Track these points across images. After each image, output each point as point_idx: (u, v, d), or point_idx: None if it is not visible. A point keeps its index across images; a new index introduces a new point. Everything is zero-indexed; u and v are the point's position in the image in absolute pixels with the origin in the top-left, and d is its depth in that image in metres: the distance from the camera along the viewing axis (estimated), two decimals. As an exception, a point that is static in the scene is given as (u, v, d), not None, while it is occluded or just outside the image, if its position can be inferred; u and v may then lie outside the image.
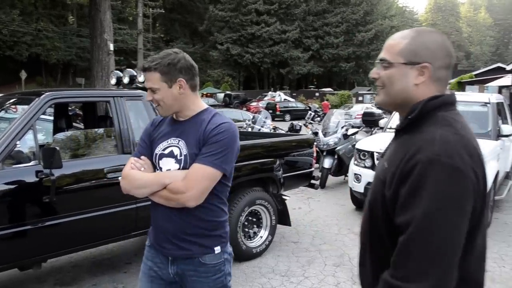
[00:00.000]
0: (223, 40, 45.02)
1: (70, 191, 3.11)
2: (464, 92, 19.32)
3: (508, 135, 6.30)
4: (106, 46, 12.81)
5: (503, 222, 5.87)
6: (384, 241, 1.23)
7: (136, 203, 3.40)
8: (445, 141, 1.13)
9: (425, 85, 1.26)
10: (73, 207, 3.11)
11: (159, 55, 1.82)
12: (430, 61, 1.25)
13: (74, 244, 3.23)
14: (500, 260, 4.54)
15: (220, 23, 45.87)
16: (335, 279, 4.00)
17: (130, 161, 1.90)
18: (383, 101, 1.34)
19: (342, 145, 8.24)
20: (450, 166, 1.10)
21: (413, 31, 1.31)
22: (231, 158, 1.80)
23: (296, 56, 46.84)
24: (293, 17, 46.97)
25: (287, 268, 4.21)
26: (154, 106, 1.88)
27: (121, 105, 3.46)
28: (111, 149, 3.45)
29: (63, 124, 4.23)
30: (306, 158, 5.13)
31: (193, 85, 1.86)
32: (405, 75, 1.27)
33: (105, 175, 3.25)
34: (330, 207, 6.63)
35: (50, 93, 3.17)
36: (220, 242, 1.87)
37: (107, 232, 3.39)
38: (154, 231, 1.92)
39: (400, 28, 58.00)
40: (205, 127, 1.78)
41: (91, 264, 4.26)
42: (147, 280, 1.93)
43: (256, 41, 45.63)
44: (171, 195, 1.76)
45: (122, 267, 4.16)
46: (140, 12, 32.18)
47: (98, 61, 12.77)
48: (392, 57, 1.28)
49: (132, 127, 3.47)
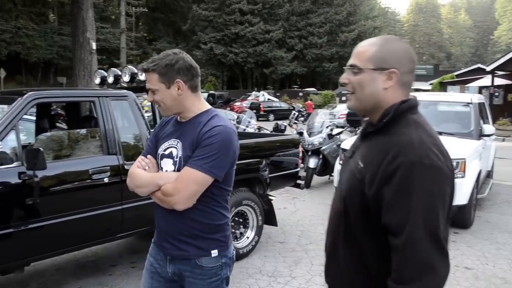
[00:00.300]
0: (206, 39, 44.83)
1: (54, 192, 3.04)
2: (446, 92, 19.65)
3: (489, 135, 6.42)
4: (89, 45, 12.62)
5: (485, 220, 5.98)
6: (360, 236, 1.33)
7: (122, 205, 3.36)
8: (422, 143, 1.24)
9: (393, 89, 1.36)
10: (58, 209, 3.04)
11: (158, 56, 1.82)
12: (397, 66, 1.35)
13: (58, 247, 3.16)
14: (483, 257, 4.61)
15: (203, 23, 45.66)
16: (322, 279, 3.97)
17: (137, 160, 1.92)
18: (355, 106, 1.42)
19: (327, 145, 8.28)
20: (430, 166, 1.21)
21: (380, 39, 1.40)
22: (223, 163, 1.76)
23: (280, 56, 46.93)
24: (277, 17, 47.05)
25: (274, 269, 4.20)
26: (156, 107, 1.85)
27: (106, 105, 3.41)
28: (96, 150, 3.39)
29: (45, 124, 4.15)
30: (292, 158, 5.14)
31: (193, 86, 1.85)
32: (375, 80, 1.35)
33: (90, 176, 3.19)
34: (315, 206, 6.66)
35: (33, 92, 3.10)
36: (217, 245, 1.85)
37: (92, 234, 3.33)
38: (156, 230, 1.95)
39: (383, 29, 58.71)
40: (200, 129, 1.77)
41: (75, 266, 4.19)
42: (149, 276, 1.96)
43: (240, 40, 45.58)
44: (162, 196, 1.77)
45: (107, 269, 4.09)
46: (123, 11, 31.87)
47: (80, 60, 12.57)
48: (362, 63, 1.36)
49: (118, 128, 3.42)
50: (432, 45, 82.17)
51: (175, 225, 1.82)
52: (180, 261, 1.85)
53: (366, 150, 1.38)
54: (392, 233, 1.22)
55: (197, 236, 1.81)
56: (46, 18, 40.67)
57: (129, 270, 4.09)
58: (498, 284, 3.99)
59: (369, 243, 1.31)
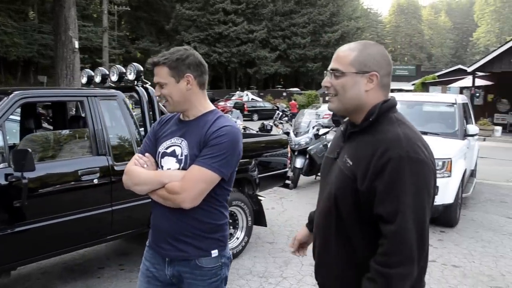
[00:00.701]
0: (190, 39, 44.52)
1: (42, 194, 2.96)
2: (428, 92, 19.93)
3: (473, 135, 6.53)
4: (71, 44, 12.42)
5: (470, 219, 6.07)
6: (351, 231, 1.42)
7: (112, 206, 3.30)
8: (408, 138, 1.34)
9: (374, 91, 1.45)
10: (46, 211, 2.97)
11: (169, 51, 1.83)
12: (377, 70, 1.44)
13: (47, 250, 3.08)
14: (470, 255, 4.68)
15: (187, 22, 45.37)
16: (312, 279, 3.98)
17: (134, 158, 1.89)
18: (337, 108, 1.49)
19: (313, 145, 8.31)
20: (417, 159, 1.31)
21: (359, 44, 1.48)
22: (230, 162, 1.77)
23: (264, 56, 46.93)
24: (261, 17, 47.04)
25: (264, 269, 4.19)
26: (162, 102, 1.83)
27: (95, 105, 3.34)
28: (85, 151, 3.32)
29: (31, 124, 4.05)
30: (280, 159, 5.14)
31: (201, 83, 1.85)
32: (357, 83, 1.44)
33: (79, 178, 3.13)
34: (303, 206, 6.67)
35: (20, 91, 3.02)
36: (217, 245, 1.84)
37: (82, 237, 3.26)
38: (153, 231, 1.91)
39: (365, 30, 59.24)
40: (207, 129, 1.76)
41: (62, 270, 4.10)
42: (144, 281, 1.91)
43: (224, 40, 45.44)
44: (168, 194, 1.74)
45: (95, 272, 4.02)
46: (105, 9, 31.41)
47: (62, 59, 12.37)
48: (344, 67, 1.44)
49: (107, 128, 3.36)
50: (413, 46, 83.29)
51: (176, 224, 1.79)
52: (180, 263, 1.83)
53: (352, 149, 1.45)
54: (384, 222, 1.32)
55: (198, 236, 1.79)
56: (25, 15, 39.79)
57: (117, 272, 4.03)
58: (485, 281, 4.06)
59: (360, 236, 1.41)
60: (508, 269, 4.36)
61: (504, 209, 6.67)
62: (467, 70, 20.96)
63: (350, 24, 51.13)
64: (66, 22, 12.26)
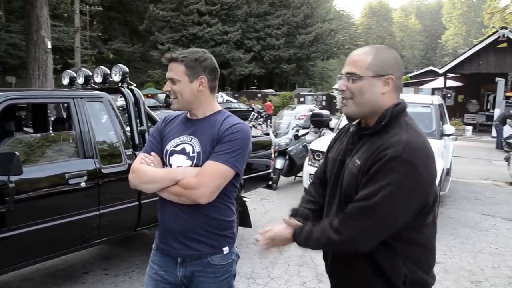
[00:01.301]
0: (164, 40, 44.08)
1: (29, 199, 2.87)
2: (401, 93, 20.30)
3: (449, 135, 6.71)
4: (43, 44, 12.11)
5: (447, 216, 6.24)
6: None
7: (99, 210, 3.24)
8: (408, 142, 1.38)
9: (389, 93, 1.49)
10: (33, 216, 2.87)
11: (187, 50, 1.86)
12: (392, 73, 1.49)
13: (34, 256, 2.99)
14: (450, 252, 4.82)
15: (161, 23, 44.89)
16: (300, 279, 4.05)
17: (139, 157, 1.88)
18: (353, 111, 1.52)
19: (293, 146, 8.37)
20: (408, 162, 1.35)
21: (373, 48, 1.52)
22: (243, 159, 1.80)
23: (238, 57, 46.90)
24: (235, 18, 47.00)
25: (251, 270, 4.20)
26: (170, 98, 1.82)
27: (82, 107, 3.27)
28: (71, 153, 3.25)
29: (11, 127, 3.93)
30: (264, 160, 5.16)
31: (213, 86, 1.88)
32: (374, 86, 1.48)
33: (67, 181, 3.05)
34: (284, 207, 6.68)
35: (4, 93, 2.92)
36: (228, 242, 1.86)
37: (69, 242, 3.19)
38: (161, 232, 1.89)
39: (338, 31, 59.95)
40: (219, 127, 1.79)
41: (44, 276, 3.99)
42: (152, 284, 1.89)
43: (198, 41, 45.11)
44: (183, 190, 1.73)
45: (79, 278, 3.94)
46: (76, 9, 30.78)
47: (34, 59, 12.05)
48: (362, 71, 1.47)
49: (94, 130, 3.29)
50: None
51: (188, 222, 1.78)
52: (192, 262, 1.83)
53: (362, 150, 1.49)
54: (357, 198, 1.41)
55: (210, 233, 1.80)
56: (-8, 14, 38.58)
57: (102, 277, 3.95)
58: (466, 276, 4.19)
59: None
60: (486, 263, 4.52)
61: (479, 206, 6.89)
62: (439, 71, 21.54)
63: (323, 26, 51.63)
64: (38, 21, 11.94)
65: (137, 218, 3.56)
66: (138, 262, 4.25)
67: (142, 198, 3.55)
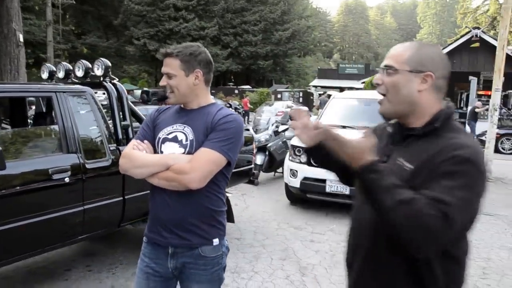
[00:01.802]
0: (139, 35, 43.51)
1: (12, 194, 2.80)
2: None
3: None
4: (15, 37, 11.71)
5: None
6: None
7: (84, 205, 3.20)
8: (474, 146, 1.28)
9: (427, 92, 1.38)
10: (15, 212, 2.82)
11: (182, 45, 1.88)
12: (432, 70, 1.37)
13: (15, 254, 2.93)
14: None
15: (136, 18, 44.27)
16: (284, 272, 4.10)
17: (132, 143, 1.89)
18: (387, 110, 1.42)
19: (273, 142, 8.42)
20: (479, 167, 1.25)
21: (415, 43, 1.43)
22: (236, 149, 1.83)
23: (215, 53, 46.62)
24: (212, 14, 46.77)
25: (235, 265, 4.22)
26: (167, 92, 1.82)
27: (64, 101, 3.22)
28: (55, 148, 3.20)
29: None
30: (246, 156, 5.18)
31: (208, 80, 1.91)
32: (410, 82, 1.37)
33: (50, 177, 3.00)
34: (265, 202, 6.76)
35: (-15, 87, 2.86)
36: (218, 234, 1.87)
37: (53, 238, 3.14)
38: (152, 222, 1.89)
39: (315, 28, 60.40)
40: (213, 117, 1.82)
41: (25, 273, 3.92)
42: (143, 277, 1.90)
43: (174, 37, 44.68)
44: (174, 175, 1.74)
45: (61, 275, 3.88)
46: (48, 2, 29.97)
47: (5, 53, 11.66)
48: (399, 65, 1.38)
49: (77, 125, 3.24)
50: (361, 45, 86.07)
51: (179, 211, 1.80)
52: (183, 254, 1.84)
53: (409, 153, 1.36)
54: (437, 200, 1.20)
55: (201, 223, 1.82)
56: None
57: (85, 274, 3.91)
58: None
59: None
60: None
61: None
62: (413, 69, 21.94)
63: (300, 23, 51.97)
64: (9, 13, 11.54)
65: (121, 213, 3.54)
66: (122, 258, 4.23)
67: (126, 194, 3.53)
